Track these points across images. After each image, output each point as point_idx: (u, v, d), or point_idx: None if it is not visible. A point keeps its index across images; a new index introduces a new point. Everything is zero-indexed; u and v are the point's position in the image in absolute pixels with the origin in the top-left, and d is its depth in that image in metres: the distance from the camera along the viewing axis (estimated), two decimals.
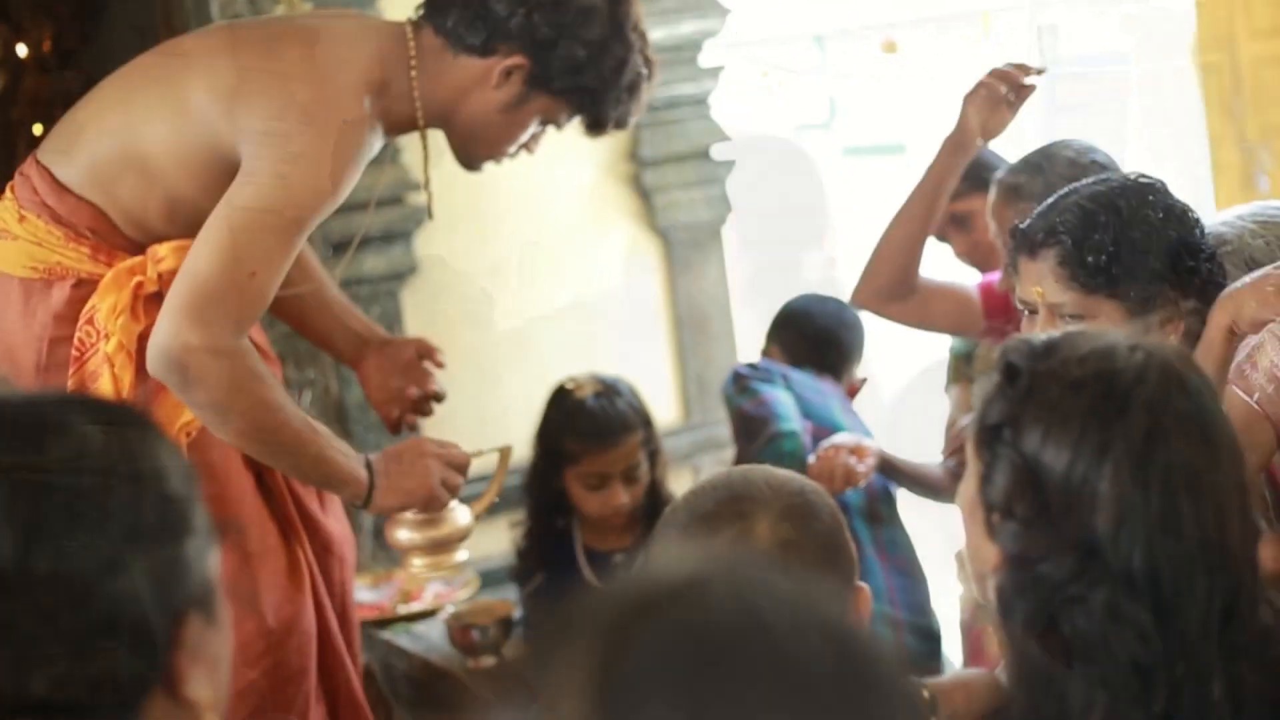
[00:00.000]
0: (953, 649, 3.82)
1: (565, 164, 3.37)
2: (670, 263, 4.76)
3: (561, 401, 3.73)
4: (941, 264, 3.59)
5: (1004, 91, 3.20)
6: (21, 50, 6.25)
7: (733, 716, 0.95)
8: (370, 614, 3.84)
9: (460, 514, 3.07)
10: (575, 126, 3.13)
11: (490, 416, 4.51)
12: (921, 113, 11.76)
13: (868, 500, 3.63)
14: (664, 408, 4.66)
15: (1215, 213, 2.87)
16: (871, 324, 3.93)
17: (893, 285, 3.40)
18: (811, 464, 3.52)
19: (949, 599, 3.94)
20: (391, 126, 3.01)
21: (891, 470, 3.67)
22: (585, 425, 3.65)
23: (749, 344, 4.25)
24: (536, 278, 4.59)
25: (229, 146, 2.84)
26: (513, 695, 1.02)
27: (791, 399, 3.66)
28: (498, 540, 4.08)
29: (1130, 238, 2.41)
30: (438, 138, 3.09)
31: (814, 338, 3.97)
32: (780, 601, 0.99)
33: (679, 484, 3.95)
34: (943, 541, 4.25)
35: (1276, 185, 8.39)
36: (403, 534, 3.04)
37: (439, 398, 3.40)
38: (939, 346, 4.02)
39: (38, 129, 6.22)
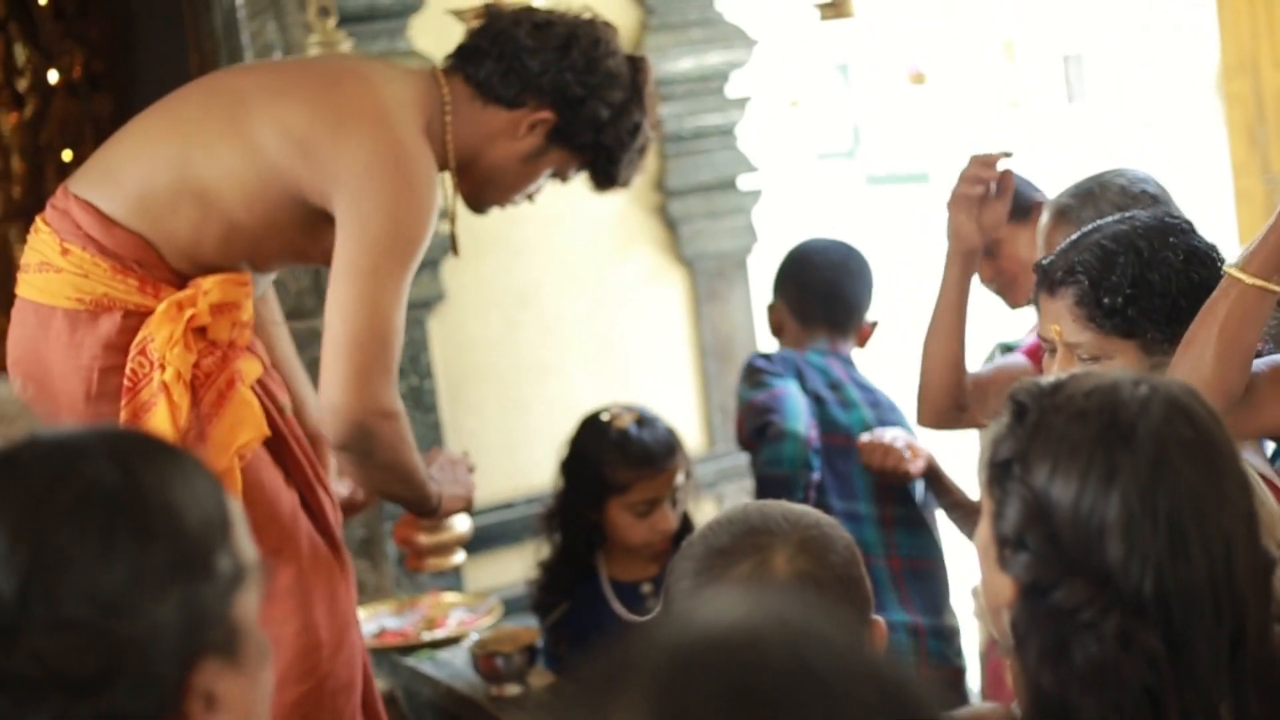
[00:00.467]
0: (972, 679, 3.82)
1: (592, 194, 3.40)
2: (696, 292, 4.77)
3: (603, 432, 3.71)
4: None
5: (981, 191, 3.14)
6: (52, 76, 6.29)
7: None
8: (395, 640, 3.85)
9: (460, 521, 3.37)
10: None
11: (516, 443, 4.52)
12: (945, 141, 11.78)
13: (879, 504, 3.62)
14: (688, 436, 4.66)
15: (1238, 244, 2.88)
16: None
17: (950, 403, 3.29)
18: (863, 440, 3.56)
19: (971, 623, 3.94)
20: None
21: (935, 482, 3.65)
22: (636, 453, 3.65)
23: None
24: (562, 306, 4.61)
25: (310, 193, 2.96)
26: None
27: (802, 396, 3.67)
28: (524, 568, 4.10)
29: (1148, 280, 2.38)
30: None
31: (818, 291, 3.92)
32: (833, 653, 1.00)
33: (702, 513, 3.96)
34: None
35: None
36: (422, 538, 3.36)
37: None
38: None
39: (67, 155, 6.26)
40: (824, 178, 11.77)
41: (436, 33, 4.20)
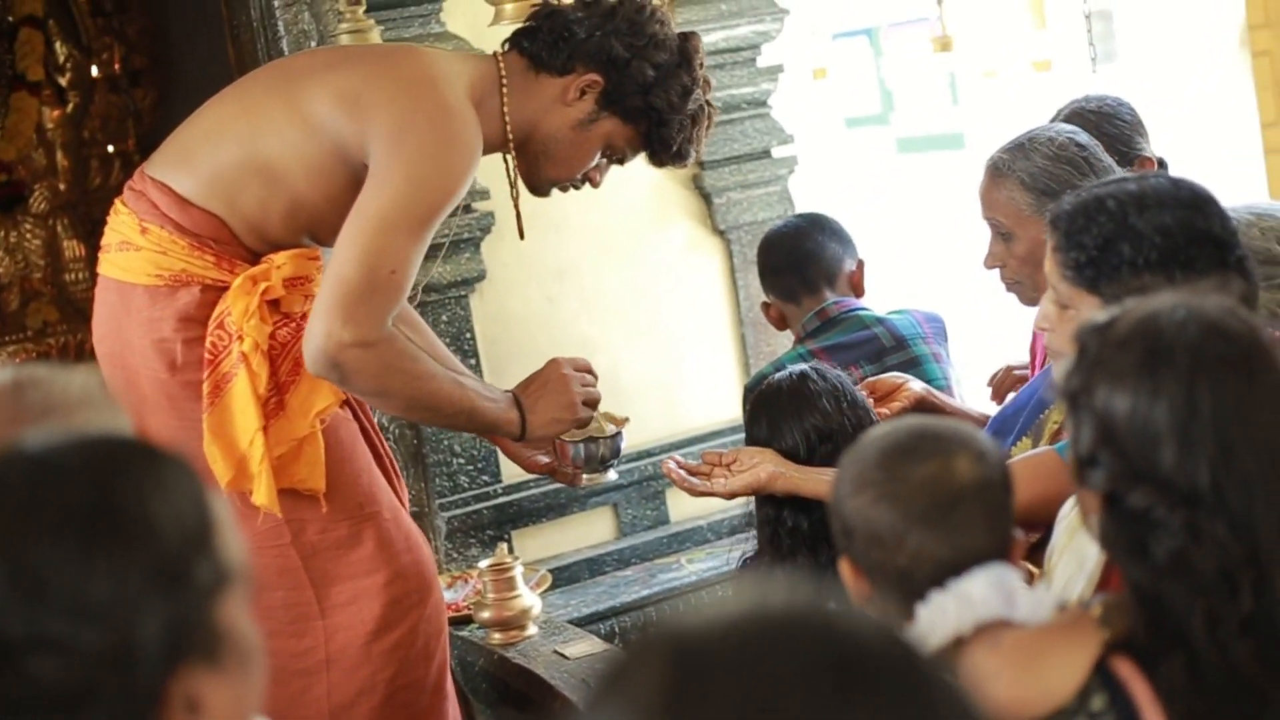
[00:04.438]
0: None
1: (627, 168, 3.47)
2: (732, 262, 4.81)
3: (815, 387, 3.14)
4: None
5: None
6: (93, 71, 6.36)
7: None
8: (448, 613, 3.90)
9: (532, 600, 3.75)
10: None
11: None
12: (976, 104, 11.77)
13: None
14: (728, 405, 4.72)
15: (1268, 196, 2.94)
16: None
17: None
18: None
19: None
20: (484, 145, 3.22)
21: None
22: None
23: None
24: (602, 281, 4.65)
25: (354, 149, 3.08)
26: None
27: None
28: (571, 540, 4.15)
29: (1118, 247, 2.38)
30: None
31: (784, 264, 4.01)
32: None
33: None
34: None
35: None
36: (485, 614, 3.70)
37: None
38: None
39: (110, 148, 6.34)
40: (856, 144, 11.77)
41: (470, 15, 4.25)
